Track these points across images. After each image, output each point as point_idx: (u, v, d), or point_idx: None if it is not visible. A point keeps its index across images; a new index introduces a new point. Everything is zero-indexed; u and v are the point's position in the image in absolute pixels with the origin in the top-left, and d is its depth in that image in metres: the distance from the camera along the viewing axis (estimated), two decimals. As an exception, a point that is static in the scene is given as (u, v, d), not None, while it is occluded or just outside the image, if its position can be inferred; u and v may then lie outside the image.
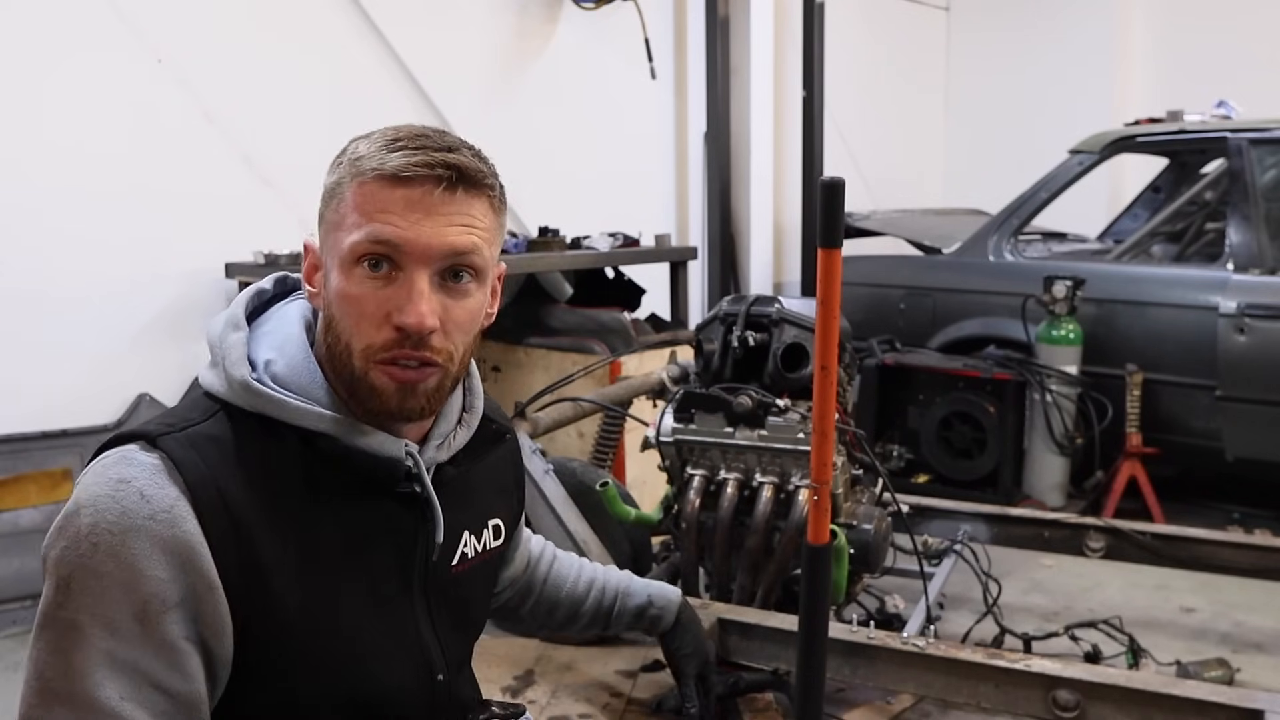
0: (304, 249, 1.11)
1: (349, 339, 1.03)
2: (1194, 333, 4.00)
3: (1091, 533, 3.06)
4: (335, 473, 1.05)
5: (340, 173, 1.04)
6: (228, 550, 0.97)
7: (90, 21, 3.44)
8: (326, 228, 1.05)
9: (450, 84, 4.57)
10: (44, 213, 3.38)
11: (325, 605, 1.03)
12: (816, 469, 1.63)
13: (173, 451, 0.98)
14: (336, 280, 1.03)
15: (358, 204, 1.01)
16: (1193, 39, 7.31)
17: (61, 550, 0.96)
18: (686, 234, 5.87)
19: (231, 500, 0.98)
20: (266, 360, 1.06)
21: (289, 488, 1.03)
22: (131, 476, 0.97)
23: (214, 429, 1.02)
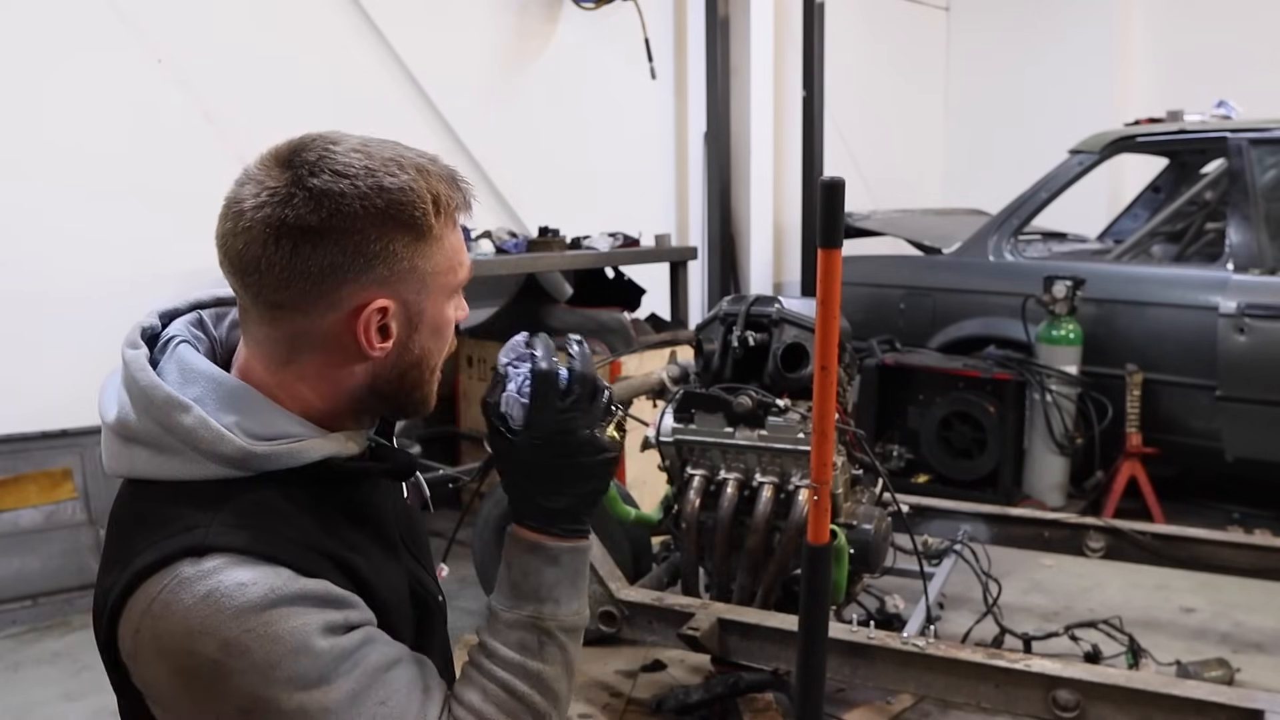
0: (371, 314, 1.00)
1: (437, 361, 1.09)
2: (1194, 333, 4.00)
3: (1091, 533, 3.06)
4: (337, 481, 1.05)
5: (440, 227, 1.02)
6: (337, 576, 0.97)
7: (90, 21, 3.44)
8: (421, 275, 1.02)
9: (450, 84, 4.58)
10: (44, 213, 3.39)
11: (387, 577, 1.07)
12: (816, 469, 1.63)
13: (229, 543, 0.93)
14: (436, 314, 1.05)
15: (456, 243, 1.06)
16: (1193, 39, 7.32)
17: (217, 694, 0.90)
18: (686, 234, 5.87)
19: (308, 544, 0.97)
20: (234, 422, 0.99)
21: (323, 510, 1.02)
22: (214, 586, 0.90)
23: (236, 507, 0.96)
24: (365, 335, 1.01)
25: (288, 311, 1.03)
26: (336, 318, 1.00)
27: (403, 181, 1.01)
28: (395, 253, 1.00)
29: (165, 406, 0.98)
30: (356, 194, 0.99)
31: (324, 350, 1.03)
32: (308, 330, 1.03)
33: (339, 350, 1.02)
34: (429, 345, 1.06)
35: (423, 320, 1.04)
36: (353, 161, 1.02)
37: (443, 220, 1.02)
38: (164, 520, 0.96)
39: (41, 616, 3.26)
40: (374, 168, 1.01)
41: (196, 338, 1.11)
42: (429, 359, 1.07)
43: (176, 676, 0.91)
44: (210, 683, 0.89)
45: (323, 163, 1.02)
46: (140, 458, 1.01)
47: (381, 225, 0.99)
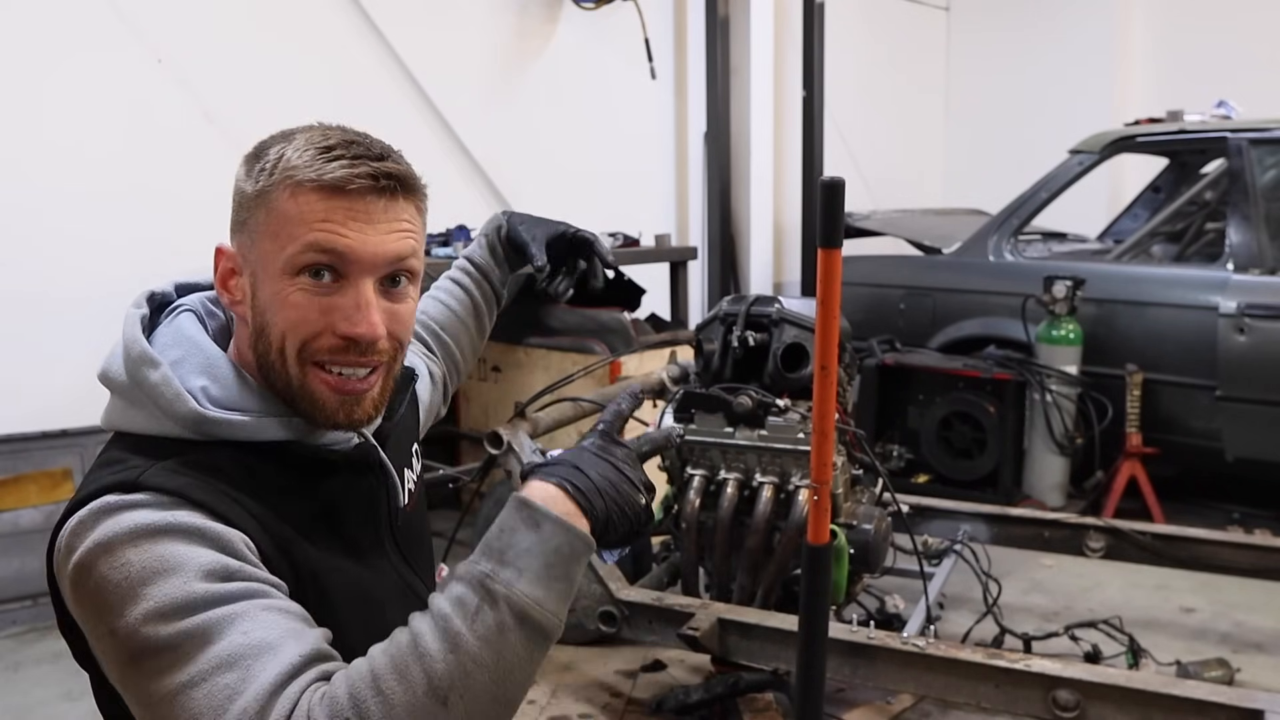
0: (216, 253, 1.07)
1: (283, 344, 1.01)
2: (1194, 333, 4.00)
3: (1091, 533, 3.06)
4: (302, 467, 1.05)
5: (265, 180, 1.00)
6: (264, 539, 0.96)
7: (90, 21, 3.44)
8: (252, 235, 1.02)
9: (450, 84, 4.58)
10: (44, 213, 3.39)
11: (351, 576, 1.06)
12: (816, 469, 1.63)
13: (163, 483, 0.93)
14: (271, 289, 1.01)
15: (295, 213, 0.99)
16: (1193, 39, 7.32)
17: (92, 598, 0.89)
18: (686, 234, 5.87)
19: (242, 502, 0.96)
20: (201, 387, 1.01)
21: (274, 489, 1.01)
22: (132, 503, 0.91)
23: (183, 460, 0.97)
24: (216, 276, 1.07)
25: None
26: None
27: (280, 139, 1.04)
28: (241, 203, 1.04)
29: (138, 361, 1.02)
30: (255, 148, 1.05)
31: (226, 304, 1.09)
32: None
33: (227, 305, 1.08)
34: (268, 318, 1.01)
35: (257, 285, 1.02)
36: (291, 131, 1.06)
37: (274, 180, 1.00)
38: (111, 463, 0.99)
39: (41, 616, 3.26)
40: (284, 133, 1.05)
41: (209, 313, 1.13)
42: (270, 334, 1.01)
43: (78, 592, 0.91)
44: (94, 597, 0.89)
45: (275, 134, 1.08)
46: (115, 409, 1.05)
47: (242, 172, 1.05)
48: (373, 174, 1.00)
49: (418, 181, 1.07)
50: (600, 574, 2.55)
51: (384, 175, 1.01)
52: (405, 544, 1.17)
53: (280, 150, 1.01)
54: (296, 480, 1.04)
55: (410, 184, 1.05)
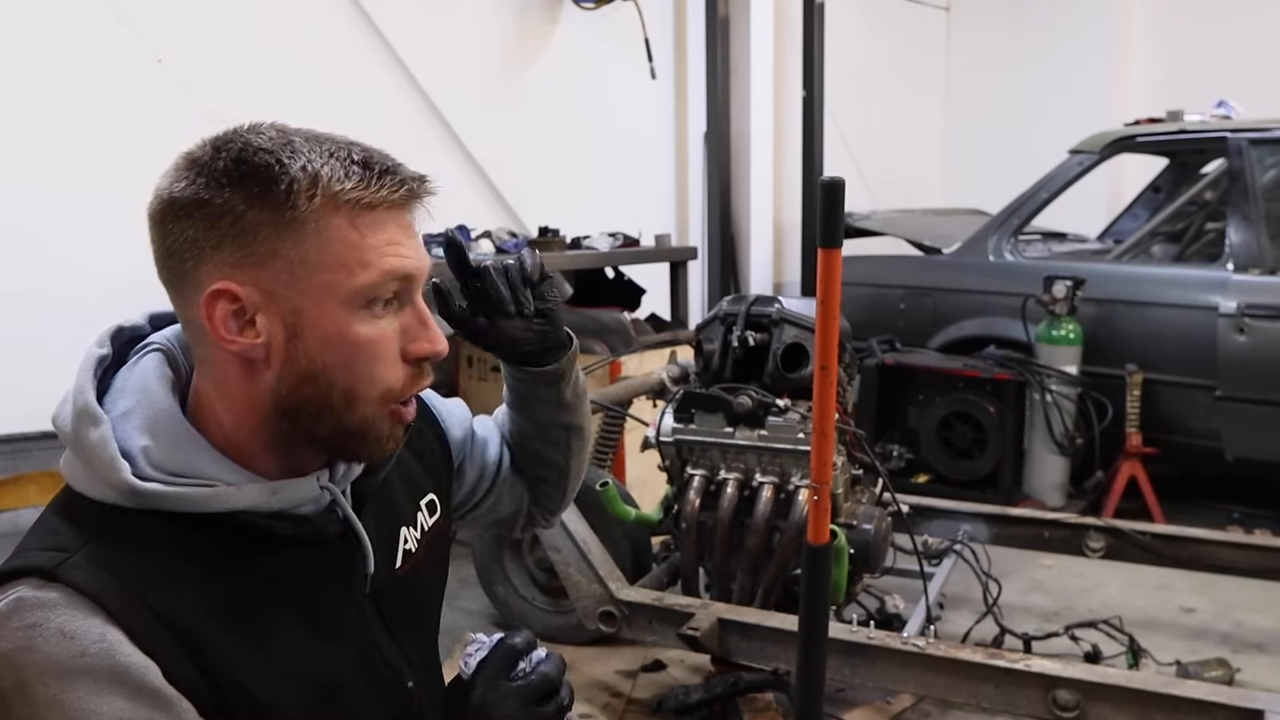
0: (210, 296, 0.89)
1: (356, 386, 0.92)
2: (1194, 333, 4.00)
3: (1091, 533, 3.06)
4: (254, 538, 0.94)
5: (301, 203, 0.88)
6: (180, 664, 0.86)
7: (90, 21, 3.44)
8: (292, 267, 0.89)
9: (450, 84, 4.58)
10: (44, 213, 3.38)
11: (292, 670, 0.94)
12: (816, 469, 1.63)
13: (79, 583, 0.84)
14: (335, 325, 0.90)
15: (358, 240, 0.90)
16: (1193, 39, 7.32)
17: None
18: (686, 234, 5.87)
19: (163, 613, 0.86)
20: (143, 447, 0.90)
21: (214, 572, 0.91)
22: (40, 620, 0.82)
23: (111, 542, 0.88)
24: (210, 321, 0.90)
25: (173, 300, 0.94)
26: (195, 302, 0.90)
27: (279, 152, 0.89)
28: (252, 231, 0.88)
29: (80, 415, 0.92)
30: (226, 160, 0.89)
31: (207, 347, 0.92)
32: (187, 320, 0.94)
33: (215, 348, 0.92)
34: (325, 360, 0.91)
35: (302, 323, 0.90)
36: (255, 139, 0.91)
37: (319, 202, 0.88)
38: (47, 529, 0.92)
39: (41, 616, 3.26)
40: (266, 143, 0.90)
41: (185, 347, 1.00)
42: (331, 377, 0.91)
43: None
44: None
45: (230, 143, 0.92)
46: (65, 459, 0.95)
47: (238, 195, 0.88)
48: (413, 190, 0.93)
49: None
50: (600, 574, 2.55)
51: (419, 185, 0.94)
52: (389, 611, 1.06)
53: (305, 166, 0.88)
54: (241, 553, 0.93)
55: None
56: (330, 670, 0.97)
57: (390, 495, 1.10)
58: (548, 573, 2.96)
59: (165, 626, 0.85)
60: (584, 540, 2.60)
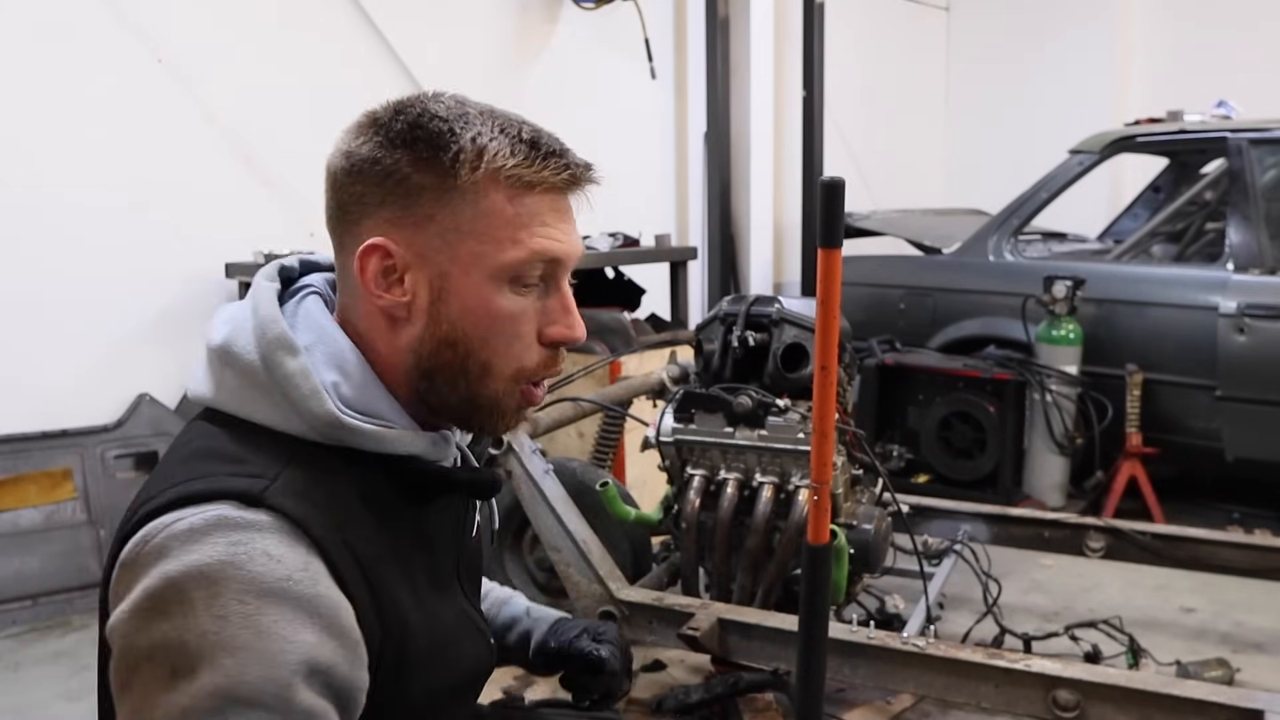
0: (366, 250, 0.93)
1: (492, 359, 0.95)
2: (1194, 333, 4.00)
3: (1091, 533, 3.06)
4: (411, 487, 0.98)
5: (465, 172, 0.92)
6: (364, 601, 0.88)
7: (90, 21, 3.44)
8: (446, 232, 0.92)
9: (450, 84, 4.54)
10: (44, 213, 3.39)
11: (432, 613, 0.99)
12: (816, 469, 1.63)
13: (288, 508, 0.85)
14: (478, 296, 0.93)
15: (513, 216, 0.93)
16: (1193, 39, 7.31)
17: (166, 632, 0.79)
18: (686, 234, 5.87)
19: (359, 553, 0.88)
20: (333, 383, 0.92)
21: (389, 515, 0.95)
22: (245, 540, 0.82)
23: (306, 472, 0.89)
24: (363, 275, 0.93)
25: (336, 251, 0.98)
26: (352, 253, 0.93)
27: (453, 122, 0.94)
28: (414, 193, 0.92)
29: (275, 344, 0.91)
30: (403, 123, 0.94)
31: (357, 298, 0.95)
32: (344, 269, 0.96)
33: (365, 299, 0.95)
34: (464, 327, 0.94)
35: (448, 288, 0.93)
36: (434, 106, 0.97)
37: (481, 174, 0.92)
38: (229, 458, 0.89)
39: (41, 616, 3.26)
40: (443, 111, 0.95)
41: (329, 299, 1.02)
42: (468, 346, 0.94)
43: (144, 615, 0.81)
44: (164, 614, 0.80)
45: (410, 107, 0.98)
46: (229, 386, 0.93)
47: (407, 157, 0.93)
48: (576, 176, 0.97)
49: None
50: (600, 574, 2.55)
51: (584, 171, 0.98)
52: (466, 576, 1.12)
53: (474, 136, 0.93)
54: (404, 500, 0.97)
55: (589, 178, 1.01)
56: (447, 619, 1.02)
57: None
58: (548, 573, 2.96)
59: (360, 567, 0.87)
60: (584, 540, 2.59)
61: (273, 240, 3.74)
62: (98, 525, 3.41)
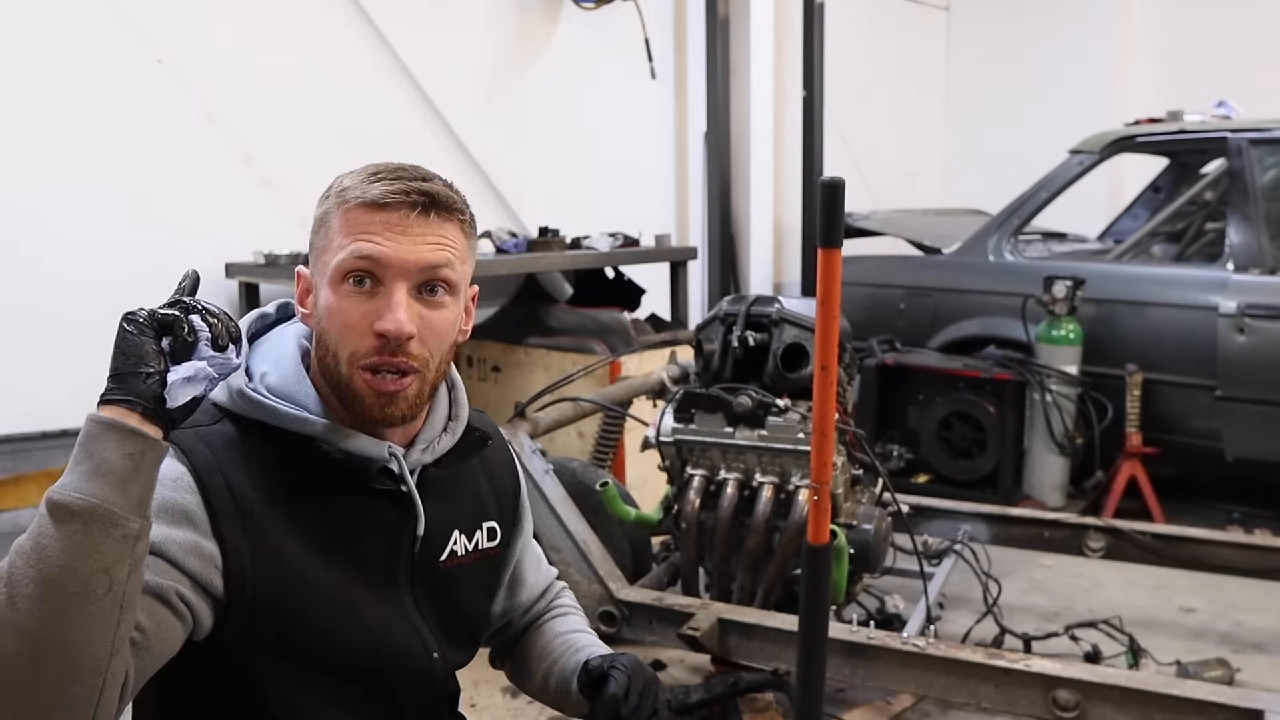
0: (296, 276, 1.22)
1: (335, 347, 1.14)
2: (1194, 333, 4.00)
3: (1091, 533, 3.06)
4: (326, 471, 1.16)
5: (328, 204, 1.16)
6: (231, 527, 1.08)
7: (90, 21, 3.44)
8: (315, 253, 1.18)
9: (450, 84, 4.58)
10: (44, 213, 3.38)
11: (328, 581, 1.14)
12: (816, 469, 1.63)
13: (180, 441, 1.10)
14: (325, 297, 1.15)
15: (343, 228, 1.13)
16: (1193, 39, 7.31)
17: None
18: (686, 234, 5.87)
19: (235, 486, 1.10)
20: (263, 373, 1.17)
21: (286, 482, 1.14)
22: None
23: (220, 429, 1.14)
24: (297, 294, 1.22)
25: None
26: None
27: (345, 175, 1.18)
28: (313, 230, 1.19)
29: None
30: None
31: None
32: None
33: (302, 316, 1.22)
34: (325, 324, 1.16)
35: (318, 295, 1.17)
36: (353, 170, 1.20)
37: (332, 201, 1.16)
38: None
39: (41, 616, 3.26)
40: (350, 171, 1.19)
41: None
42: (326, 340, 1.15)
43: None
44: None
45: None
46: None
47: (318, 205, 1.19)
48: (406, 190, 1.13)
49: (456, 203, 1.18)
50: (600, 574, 2.56)
51: (418, 192, 1.13)
52: (424, 594, 1.24)
53: (340, 180, 1.17)
54: (316, 481, 1.16)
55: (446, 203, 1.16)
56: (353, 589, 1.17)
57: (452, 496, 1.29)
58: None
59: (229, 493, 1.09)
60: (584, 540, 2.60)
61: (273, 240, 3.74)
62: (98, 525, 3.42)
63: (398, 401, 1.15)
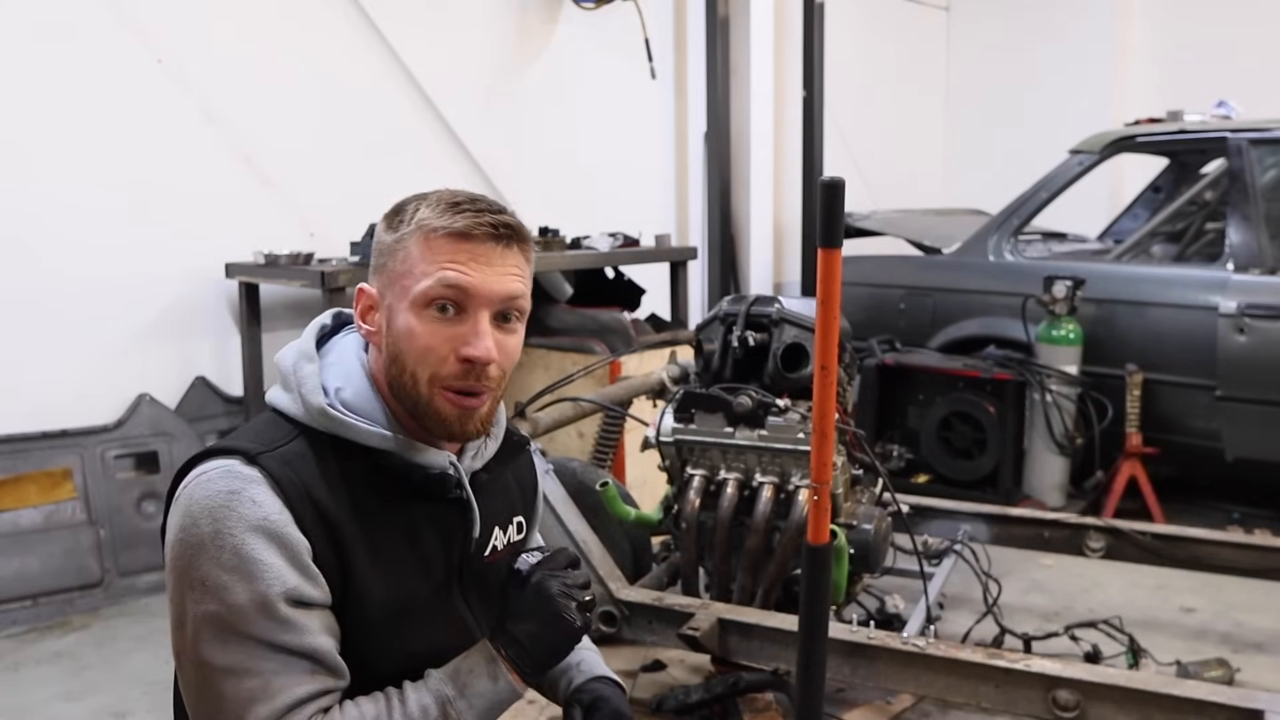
0: (357, 293, 1.27)
1: (415, 368, 1.21)
2: (1194, 333, 4.00)
3: (1091, 533, 3.06)
4: (396, 481, 1.24)
5: (404, 230, 1.22)
6: (324, 548, 1.17)
7: (90, 21, 3.44)
8: (389, 275, 1.23)
9: (450, 84, 4.58)
10: (44, 213, 3.39)
11: (394, 584, 1.24)
12: (816, 469, 1.63)
13: (272, 469, 1.16)
14: (405, 320, 1.21)
15: (426, 256, 1.20)
16: (1193, 39, 7.31)
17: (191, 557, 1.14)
18: (686, 234, 5.87)
19: (322, 508, 1.17)
20: (337, 388, 1.24)
21: (362, 494, 1.22)
22: (240, 488, 1.14)
23: (298, 448, 1.20)
24: (357, 311, 1.27)
25: None
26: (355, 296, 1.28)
27: (414, 199, 1.25)
28: (382, 251, 1.25)
29: (302, 355, 1.26)
30: (393, 207, 1.26)
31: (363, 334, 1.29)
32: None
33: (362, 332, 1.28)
34: (401, 346, 1.22)
35: (393, 318, 1.22)
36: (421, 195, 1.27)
37: (411, 228, 1.21)
38: (255, 431, 1.24)
39: (41, 616, 3.26)
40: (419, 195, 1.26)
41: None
42: (403, 361, 1.22)
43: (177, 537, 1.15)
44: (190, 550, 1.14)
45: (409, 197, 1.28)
46: (274, 387, 1.28)
47: (383, 224, 1.26)
48: (492, 224, 1.21)
49: (528, 233, 1.27)
50: (600, 574, 2.55)
51: (501, 225, 1.21)
52: (473, 588, 1.36)
53: (416, 206, 1.23)
54: (388, 492, 1.24)
55: (522, 234, 1.25)
56: (417, 595, 1.27)
57: (495, 497, 1.39)
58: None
59: (320, 518, 1.17)
60: (584, 540, 2.59)
61: (273, 240, 3.74)
62: (98, 525, 3.42)
63: (475, 419, 1.24)
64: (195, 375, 3.79)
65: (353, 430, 1.21)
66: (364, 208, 3.71)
